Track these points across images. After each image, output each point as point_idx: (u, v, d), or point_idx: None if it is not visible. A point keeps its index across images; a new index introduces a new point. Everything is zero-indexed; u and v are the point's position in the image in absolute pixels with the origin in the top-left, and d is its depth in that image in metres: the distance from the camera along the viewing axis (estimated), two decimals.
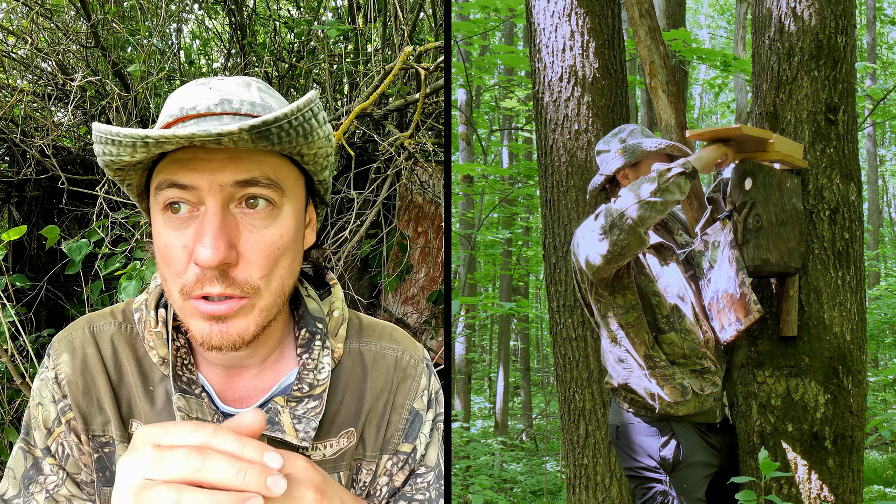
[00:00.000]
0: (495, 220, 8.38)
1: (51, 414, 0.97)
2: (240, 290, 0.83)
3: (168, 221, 0.84)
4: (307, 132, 0.81)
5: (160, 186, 0.83)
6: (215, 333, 0.84)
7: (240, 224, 0.83)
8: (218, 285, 0.82)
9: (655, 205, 1.81)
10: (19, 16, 3.52)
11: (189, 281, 0.83)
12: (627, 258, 1.88)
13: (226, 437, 0.66)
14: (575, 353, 2.56)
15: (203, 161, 0.81)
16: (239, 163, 0.82)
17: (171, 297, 0.87)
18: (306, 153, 0.85)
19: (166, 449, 0.65)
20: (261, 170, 0.83)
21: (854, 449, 2.04)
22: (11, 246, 3.73)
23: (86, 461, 0.98)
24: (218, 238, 0.80)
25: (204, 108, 0.84)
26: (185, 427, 0.67)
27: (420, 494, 1.04)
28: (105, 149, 0.80)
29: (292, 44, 4.27)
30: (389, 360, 1.04)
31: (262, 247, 0.84)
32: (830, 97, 2.13)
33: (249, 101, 0.86)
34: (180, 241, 0.83)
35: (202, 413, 0.91)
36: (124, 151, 0.78)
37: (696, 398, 1.97)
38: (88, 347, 0.97)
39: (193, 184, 0.81)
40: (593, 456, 2.51)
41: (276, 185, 0.84)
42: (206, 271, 0.81)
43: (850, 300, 2.07)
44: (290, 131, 0.79)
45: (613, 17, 2.67)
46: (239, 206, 0.84)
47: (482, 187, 6.80)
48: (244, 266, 0.83)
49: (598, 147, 2.17)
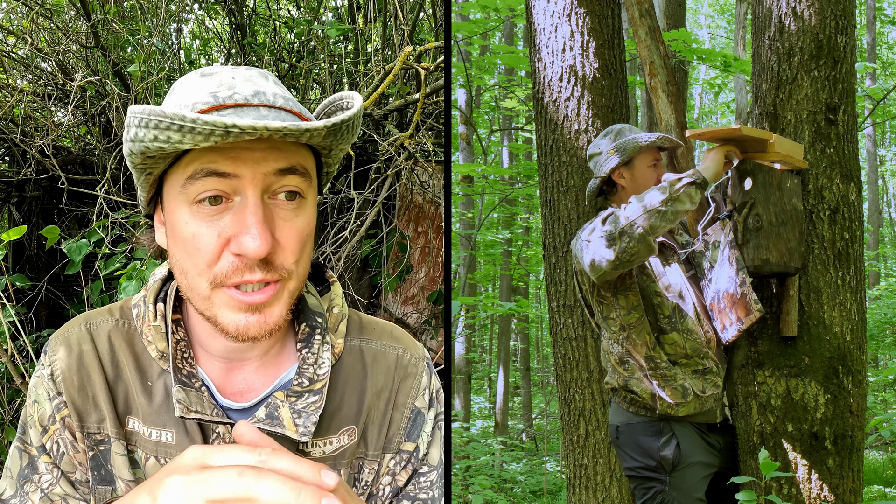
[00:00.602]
0: (495, 220, 8.38)
1: (46, 411, 0.97)
2: (278, 274, 0.85)
3: (198, 212, 0.83)
4: (355, 130, 0.87)
5: (195, 176, 0.81)
6: (252, 324, 0.85)
7: (275, 214, 0.85)
8: (259, 272, 0.84)
9: (666, 214, 1.82)
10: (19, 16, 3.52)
11: (224, 270, 0.83)
12: (634, 265, 1.89)
13: (281, 457, 0.67)
14: (575, 353, 2.56)
15: (246, 150, 0.82)
16: (279, 153, 0.84)
17: (194, 289, 0.86)
18: (340, 147, 0.90)
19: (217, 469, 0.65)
20: (296, 159, 0.85)
21: (854, 449, 2.04)
22: (11, 246, 3.73)
23: (80, 459, 0.98)
24: (263, 228, 0.82)
25: (241, 98, 0.83)
26: (237, 448, 0.68)
27: (423, 493, 1.04)
28: (163, 134, 0.76)
29: (292, 44, 4.27)
30: (390, 359, 1.04)
31: (295, 234, 0.87)
32: (830, 97, 2.13)
33: (282, 95, 0.87)
34: (213, 230, 0.83)
35: (202, 406, 0.91)
36: (190, 139, 0.75)
37: (696, 399, 1.97)
38: (85, 344, 0.97)
39: (236, 172, 0.82)
40: (593, 456, 2.51)
41: (308, 174, 0.87)
42: (248, 260, 0.83)
43: (850, 300, 2.07)
44: (350, 128, 0.86)
45: (613, 17, 2.67)
46: (273, 197, 0.85)
47: (482, 187, 6.80)
48: (281, 253, 0.86)
49: (590, 151, 2.17)
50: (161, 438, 0.95)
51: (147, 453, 0.96)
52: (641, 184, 2.06)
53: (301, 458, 0.67)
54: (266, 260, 0.84)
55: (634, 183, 2.06)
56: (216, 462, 0.67)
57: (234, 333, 0.85)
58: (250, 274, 0.83)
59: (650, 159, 2.07)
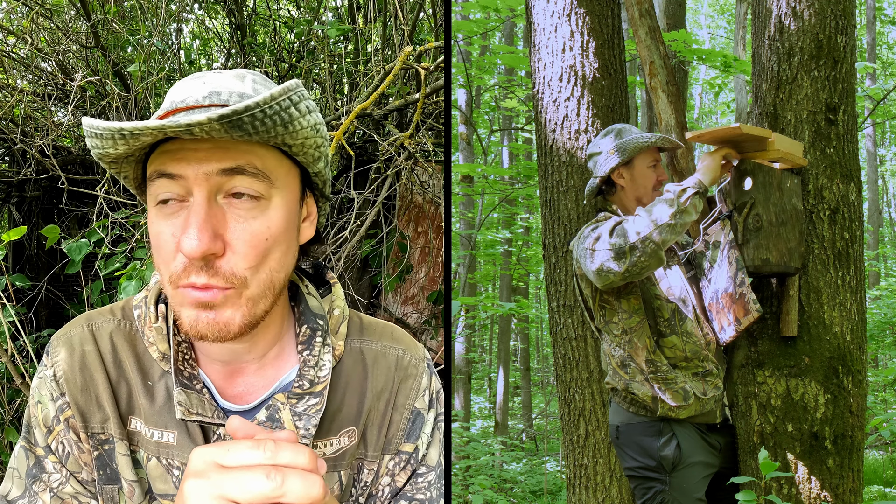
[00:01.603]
0: (495, 220, 8.37)
1: (50, 412, 0.97)
2: (224, 281, 0.83)
3: (159, 212, 0.85)
4: (286, 121, 0.80)
5: (151, 178, 0.85)
6: (202, 320, 0.83)
7: (227, 214, 0.83)
8: (203, 275, 0.82)
9: (675, 227, 1.84)
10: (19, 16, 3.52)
11: (177, 269, 0.83)
12: (644, 276, 1.89)
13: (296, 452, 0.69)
14: (575, 353, 2.56)
15: (190, 151, 0.82)
16: (224, 152, 0.82)
17: (165, 288, 0.88)
18: (291, 143, 0.84)
19: (239, 470, 0.67)
20: (246, 158, 0.83)
21: (854, 449, 2.04)
22: (11, 246, 3.73)
23: (85, 459, 0.98)
24: (202, 229, 0.80)
25: (193, 100, 0.85)
26: (245, 444, 0.69)
27: (421, 494, 1.04)
28: (91, 142, 0.82)
29: (292, 44, 4.27)
30: (390, 360, 1.04)
31: (249, 237, 0.84)
32: (830, 97, 2.13)
33: (239, 91, 0.86)
34: (169, 229, 0.84)
35: (203, 409, 0.91)
36: (107, 144, 0.80)
37: (697, 402, 1.97)
38: (87, 345, 0.97)
39: (180, 173, 0.82)
40: (593, 456, 2.51)
41: (264, 174, 0.84)
42: (192, 261, 0.82)
43: (850, 300, 2.07)
44: (266, 120, 0.77)
45: (613, 17, 2.67)
46: (226, 197, 0.84)
47: (482, 187, 6.79)
48: (230, 256, 0.83)
49: (589, 150, 2.16)
50: (163, 439, 0.95)
51: (149, 453, 0.96)
52: (641, 184, 2.06)
53: (299, 446, 0.70)
54: (210, 264, 0.82)
55: (634, 183, 2.07)
56: (230, 462, 0.68)
57: (188, 329, 0.84)
58: (195, 276, 0.82)
59: (650, 160, 2.08)
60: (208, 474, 0.67)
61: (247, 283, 0.84)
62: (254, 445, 0.68)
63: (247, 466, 0.67)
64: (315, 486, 0.67)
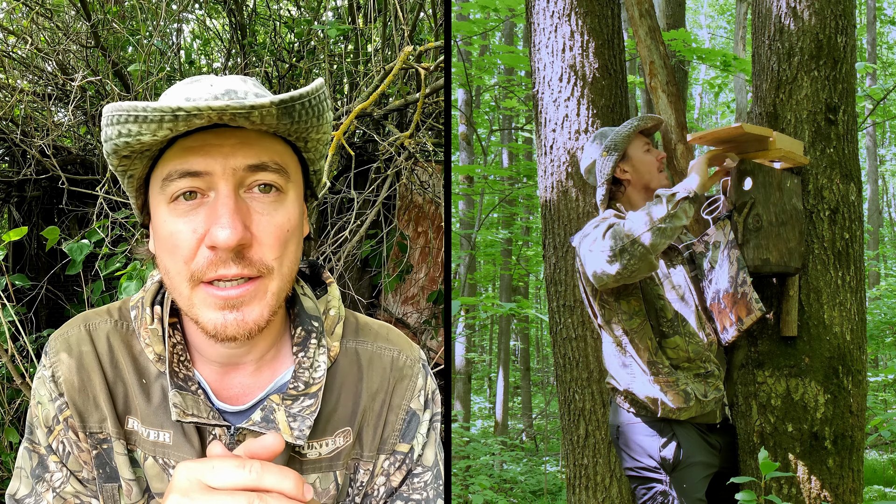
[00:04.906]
0: (495, 220, 8.38)
1: (50, 412, 0.98)
2: (255, 270, 0.84)
3: (174, 209, 0.84)
4: (319, 114, 0.83)
5: (169, 177, 0.83)
6: (230, 323, 0.84)
7: (250, 208, 0.84)
8: (234, 266, 0.82)
9: (665, 231, 1.83)
10: (19, 16, 3.52)
11: (200, 265, 0.83)
12: (636, 280, 1.89)
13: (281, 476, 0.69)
14: (575, 353, 2.56)
15: (215, 146, 0.82)
16: (249, 148, 0.83)
17: (176, 289, 0.86)
18: (313, 137, 0.87)
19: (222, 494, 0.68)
20: (269, 155, 0.84)
21: (854, 449, 2.04)
22: (11, 246, 3.73)
23: (85, 458, 0.98)
24: (234, 219, 0.81)
25: (210, 96, 0.84)
26: (231, 463, 0.69)
27: (417, 494, 1.04)
28: (124, 128, 0.79)
29: (292, 44, 4.27)
30: (385, 361, 1.04)
31: (274, 229, 0.85)
32: (830, 97, 2.13)
33: (254, 92, 0.87)
34: (189, 226, 0.83)
35: (198, 410, 0.91)
36: (147, 129, 0.77)
37: (698, 403, 1.97)
38: (84, 345, 0.98)
39: (207, 169, 0.82)
40: (593, 456, 2.51)
41: (283, 170, 0.86)
42: (221, 253, 0.82)
43: (850, 300, 2.07)
44: (309, 110, 0.81)
45: (613, 17, 2.67)
46: (248, 191, 0.85)
47: (482, 187, 6.79)
48: (258, 247, 0.84)
49: (584, 166, 2.20)
50: (159, 439, 0.95)
51: (146, 453, 0.96)
52: (644, 170, 2.08)
53: (284, 470, 0.70)
54: (241, 254, 0.82)
55: (637, 172, 2.09)
56: (215, 482, 0.69)
57: (213, 332, 0.84)
58: (225, 268, 0.82)
59: (642, 145, 2.11)
60: (192, 494, 0.68)
61: (273, 273, 0.85)
62: (239, 465, 0.68)
63: (230, 490, 0.67)
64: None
